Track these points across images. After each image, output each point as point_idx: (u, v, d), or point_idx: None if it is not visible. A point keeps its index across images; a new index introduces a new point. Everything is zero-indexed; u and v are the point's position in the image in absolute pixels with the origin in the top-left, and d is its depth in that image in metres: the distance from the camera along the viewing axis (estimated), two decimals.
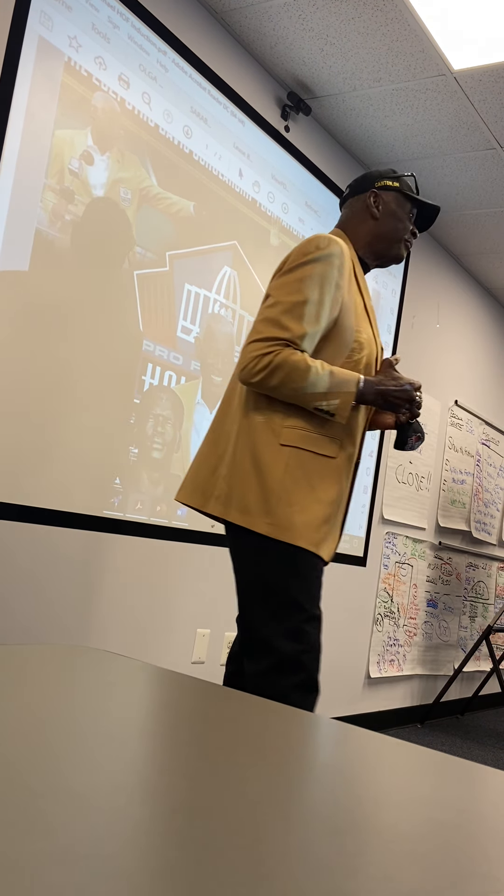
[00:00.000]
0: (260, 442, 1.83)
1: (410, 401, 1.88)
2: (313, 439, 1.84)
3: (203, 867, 0.40)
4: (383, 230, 2.02)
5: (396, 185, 2.04)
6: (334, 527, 1.89)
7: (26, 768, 0.51)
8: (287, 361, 1.77)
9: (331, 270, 1.83)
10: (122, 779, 0.52)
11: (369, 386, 1.85)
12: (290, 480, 1.80)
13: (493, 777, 0.69)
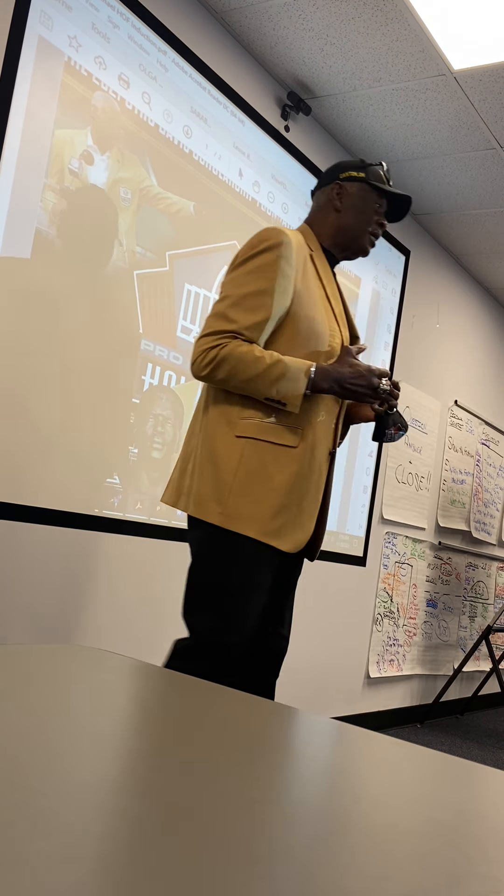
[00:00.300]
0: (216, 435, 1.83)
1: (372, 388, 1.83)
2: (270, 429, 1.83)
3: (202, 866, 0.40)
4: (346, 222, 1.99)
5: (361, 176, 1.99)
6: (298, 517, 1.86)
7: (26, 768, 0.51)
8: (233, 353, 1.77)
9: (277, 261, 1.81)
10: (122, 778, 0.52)
11: (323, 373, 1.81)
12: (244, 472, 1.80)
13: (493, 777, 0.69)
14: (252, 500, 1.80)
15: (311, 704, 3.79)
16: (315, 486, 1.90)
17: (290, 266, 1.83)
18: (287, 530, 1.84)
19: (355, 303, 3.87)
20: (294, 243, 1.85)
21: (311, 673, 3.77)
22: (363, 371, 1.83)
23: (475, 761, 3.52)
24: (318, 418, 1.89)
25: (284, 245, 1.83)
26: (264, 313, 1.80)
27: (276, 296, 1.81)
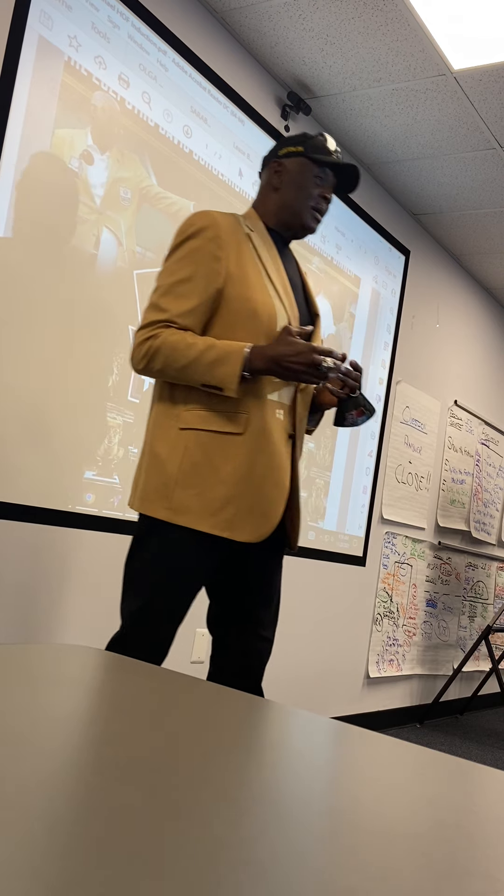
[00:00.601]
0: (161, 429, 1.80)
1: (311, 365, 1.74)
2: (213, 418, 1.77)
3: (202, 866, 0.40)
4: (285, 199, 1.91)
5: (300, 150, 1.91)
6: (258, 505, 1.79)
7: (26, 767, 0.51)
8: (166, 343, 1.74)
9: (204, 244, 1.78)
10: (122, 778, 0.52)
11: (258, 353, 1.74)
12: (188, 464, 1.76)
13: (492, 777, 0.69)
14: (197, 492, 1.75)
15: (311, 704, 3.79)
16: (275, 472, 1.82)
17: (219, 248, 1.79)
18: (241, 521, 1.77)
19: (355, 303, 3.87)
20: (223, 225, 1.81)
21: (311, 673, 3.77)
22: (302, 348, 1.74)
23: (475, 761, 3.53)
24: (268, 402, 1.82)
25: (210, 228, 1.79)
26: (196, 299, 1.76)
27: (206, 280, 1.77)
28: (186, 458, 1.76)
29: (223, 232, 1.80)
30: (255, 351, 1.74)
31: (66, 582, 2.53)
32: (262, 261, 1.85)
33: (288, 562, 3.55)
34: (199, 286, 1.77)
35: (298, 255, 3.45)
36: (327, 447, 3.76)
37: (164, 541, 1.77)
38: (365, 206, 3.90)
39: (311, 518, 3.69)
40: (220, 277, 1.78)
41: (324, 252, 3.61)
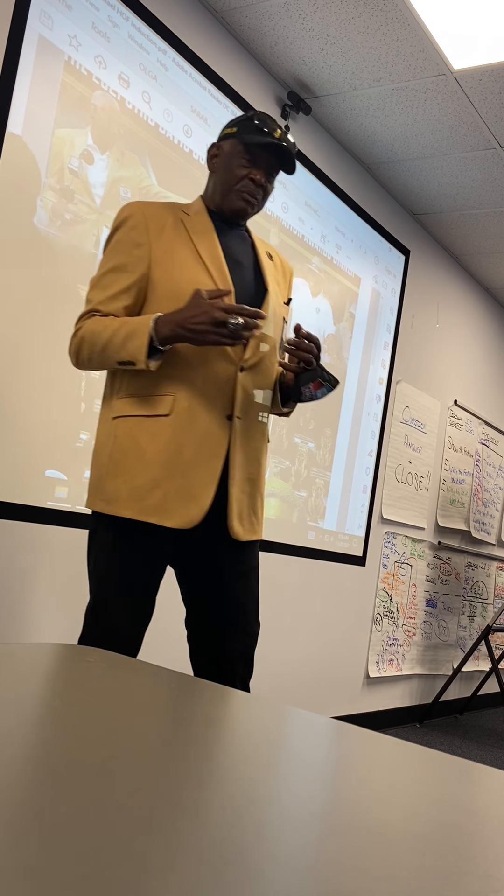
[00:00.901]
0: (100, 422, 1.80)
1: (214, 322, 1.65)
2: (139, 403, 1.74)
3: (203, 865, 0.40)
4: (216, 182, 1.87)
5: (233, 131, 1.86)
6: (186, 489, 1.71)
7: (26, 768, 0.51)
8: (87, 331, 1.74)
9: (127, 233, 1.78)
10: (122, 777, 0.52)
11: (164, 320, 1.68)
12: (118, 452, 1.73)
13: (492, 776, 0.69)
14: (125, 479, 1.71)
15: (311, 704, 3.79)
16: (207, 454, 1.74)
17: (140, 234, 1.78)
18: (170, 505, 1.70)
19: (355, 303, 3.87)
20: (148, 212, 1.80)
21: (311, 672, 3.78)
22: (205, 307, 1.65)
23: (474, 761, 3.52)
24: (199, 381, 1.75)
25: (132, 216, 1.79)
26: (118, 286, 1.75)
27: (129, 267, 1.76)
28: (116, 447, 1.73)
29: (146, 219, 1.79)
30: (160, 319, 1.69)
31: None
32: (193, 242, 1.81)
33: (288, 562, 3.55)
34: (122, 275, 1.76)
35: (294, 251, 3.45)
36: (327, 447, 3.76)
37: (102, 534, 1.74)
38: (365, 206, 3.90)
39: (311, 518, 3.69)
40: (143, 262, 1.76)
41: (324, 252, 3.61)
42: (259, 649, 3.42)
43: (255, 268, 1.92)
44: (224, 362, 1.78)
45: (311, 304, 3.56)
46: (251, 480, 1.84)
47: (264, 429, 1.87)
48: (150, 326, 1.67)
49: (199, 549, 1.81)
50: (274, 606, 3.50)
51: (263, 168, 1.86)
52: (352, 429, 3.94)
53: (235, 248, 1.89)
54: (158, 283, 1.76)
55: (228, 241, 1.88)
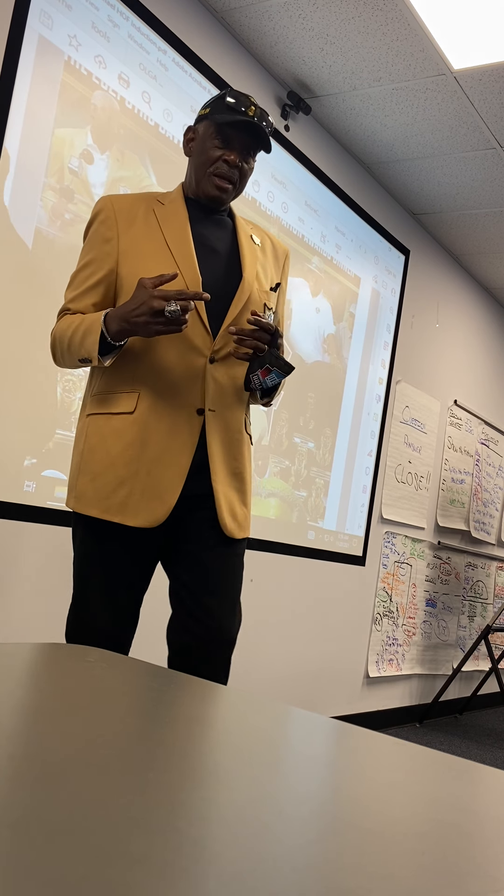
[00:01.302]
0: (79, 420, 1.78)
1: (152, 312, 1.57)
2: (106, 400, 1.71)
3: (202, 865, 0.40)
4: (193, 166, 1.80)
5: (206, 112, 1.79)
6: (151, 487, 1.66)
7: (26, 768, 0.51)
8: (57, 330, 1.73)
9: (97, 228, 1.75)
10: (122, 777, 0.52)
11: (112, 316, 1.64)
12: (88, 450, 1.71)
13: (492, 776, 0.69)
14: (92, 477, 1.69)
15: (311, 704, 3.79)
16: (175, 451, 1.68)
17: (108, 229, 1.74)
18: (134, 504, 1.66)
19: (355, 303, 3.87)
20: (118, 205, 1.76)
21: (311, 672, 3.78)
22: (143, 297, 1.59)
23: (474, 760, 3.52)
24: (165, 376, 1.69)
25: (102, 211, 1.76)
26: (87, 282, 1.73)
27: (98, 262, 1.73)
28: (87, 445, 1.71)
29: (116, 212, 1.75)
30: (109, 315, 1.65)
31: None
32: (163, 232, 1.75)
33: (288, 561, 3.55)
34: (92, 270, 1.73)
35: (294, 251, 3.45)
36: (327, 447, 3.76)
37: (75, 532, 1.74)
38: (365, 205, 3.90)
39: (311, 518, 3.69)
40: (111, 258, 1.72)
41: (323, 252, 3.61)
42: (259, 649, 3.42)
43: (232, 254, 1.83)
44: (191, 354, 1.71)
45: (310, 304, 3.56)
46: (237, 475, 1.78)
47: (243, 420, 1.81)
48: (101, 323, 1.64)
49: (188, 549, 1.74)
50: (274, 606, 3.50)
51: (237, 148, 1.77)
52: (352, 429, 3.94)
53: (210, 235, 1.81)
54: (126, 278, 1.71)
55: (203, 228, 1.81)
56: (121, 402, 1.70)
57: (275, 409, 3.40)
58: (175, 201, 1.81)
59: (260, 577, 3.39)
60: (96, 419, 1.71)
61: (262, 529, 3.37)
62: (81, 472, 1.70)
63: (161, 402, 1.69)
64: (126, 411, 1.69)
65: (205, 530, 1.74)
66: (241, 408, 1.79)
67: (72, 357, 1.71)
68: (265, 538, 3.39)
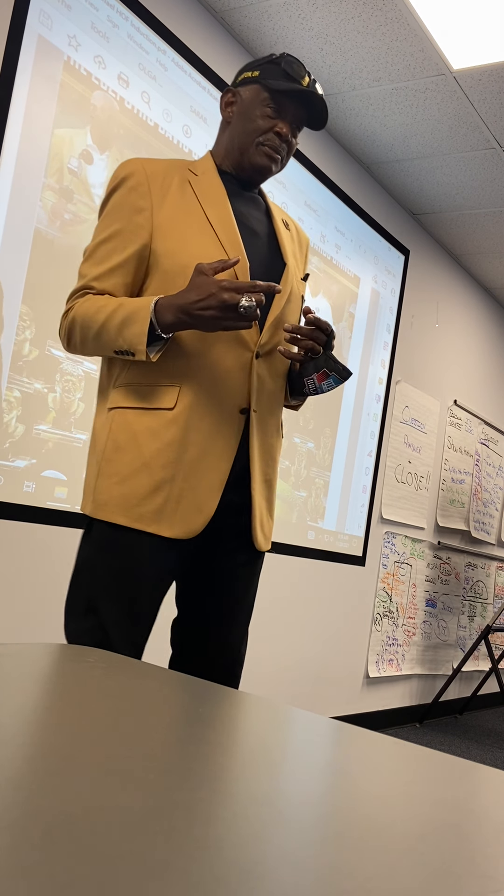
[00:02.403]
0: (96, 414, 1.58)
1: (224, 307, 1.41)
2: (139, 392, 1.51)
3: (201, 866, 0.40)
4: (234, 134, 1.61)
5: (255, 75, 1.59)
6: (189, 493, 1.50)
7: (26, 768, 0.51)
8: (79, 313, 1.51)
9: (126, 195, 1.54)
10: (120, 778, 0.52)
11: (165, 305, 1.44)
12: (112, 448, 1.50)
13: (492, 776, 0.69)
14: (119, 479, 1.49)
15: (311, 704, 3.79)
16: (216, 455, 1.52)
17: (141, 197, 1.53)
18: (171, 512, 1.49)
19: (355, 303, 3.87)
20: (151, 171, 1.56)
21: (311, 672, 3.78)
22: (211, 288, 1.41)
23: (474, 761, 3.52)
24: (208, 370, 1.52)
25: (132, 176, 1.55)
26: (116, 257, 1.51)
27: (128, 235, 1.52)
28: (110, 442, 1.51)
29: (149, 178, 1.55)
30: (161, 303, 1.45)
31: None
32: (203, 207, 1.57)
33: (287, 562, 3.55)
34: (121, 243, 1.52)
35: None
36: (327, 447, 3.76)
37: (92, 539, 1.52)
38: (364, 205, 3.90)
39: (311, 518, 3.69)
40: (145, 231, 1.52)
41: (323, 252, 3.61)
42: (259, 649, 3.42)
43: (272, 238, 1.67)
44: (238, 348, 1.55)
45: (310, 304, 3.56)
46: (268, 483, 1.63)
47: (280, 423, 1.67)
48: (150, 311, 1.44)
49: (209, 556, 1.61)
50: (274, 606, 3.50)
51: (290, 120, 1.60)
52: (351, 429, 3.94)
53: (250, 215, 1.64)
54: (163, 257, 1.52)
55: (241, 206, 1.63)
56: (158, 397, 1.51)
57: None
58: (208, 172, 1.62)
59: (260, 578, 3.39)
60: (124, 413, 1.51)
61: None
62: (103, 473, 1.51)
63: (204, 398, 1.52)
64: (165, 407, 1.50)
65: (234, 543, 1.61)
66: (280, 409, 1.66)
67: (101, 346, 1.50)
68: None
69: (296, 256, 1.72)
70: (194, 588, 1.63)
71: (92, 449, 1.56)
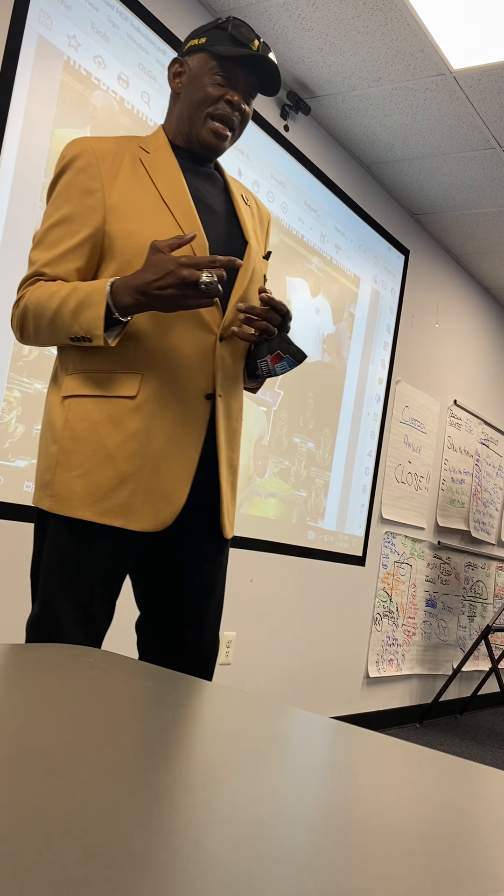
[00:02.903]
0: (48, 404, 1.51)
1: (184, 284, 1.34)
2: (97, 380, 1.44)
3: (201, 866, 0.40)
4: (183, 106, 1.53)
5: (202, 42, 1.51)
6: (157, 485, 1.45)
7: (25, 768, 0.51)
8: (31, 300, 1.43)
9: (75, 176, 1.47)
10: (122, 777, 0.52)
11: (122, 286, 1.37)
12: (69, 438, 1.43)
13: (492, 776, 0.69)
14: (81, 472, 1.42)
15: (311, 704, 3.79)
16: (182, 443, 1.47)
17: (93, 179, 1.46)
18: (138, 505, 1.43)
19: (355, 303, 3.87)
20: (100, 150, 1.48)
21: (311, 672, 3.78)
22: (169, 266, 1.34)
23: (474, 761, 3.52)
24: (172, 355, 1.46)
25: (81, 156, 1.47)
26: (68, 242, 1.45)
27: (80, 219, 1.45)
28: (69, 433, 1.44)
29: (98, 158, 1.48)
30: (117, 284, 1.38)
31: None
32: (156, 186, 1.49)
33: (287, 562, 3.55)
34: (73, 227, 1.45)
35: (293, 251, 3.45)
36: (327, 447, 3.76)
37: (49, 535, 1.46)
38: (364, 205, 3.90)
39: (311, 518, 3.69)
40: (98, 213, 1.45)
41: (323, 252, 3.61)
42: (258, 650, 3.42)
43: (231, 215, 1.60)
44: (200, 330, 1.48)
45: (310, 304, 3.56)
46: (232, 468, 1.57)
47: (241, 406, 1.62)
48: (105, 293, 1.38)
49: (174, 547, 1.55)
50: (274, 606, 3.50)
51: (241, 88, 1.52)
52: (351, 429, 3.94)
53: (206, 192, 1.57)
54: (118, 239, 1.45)
55: (197, 182, 1.56)
56: (118, 384, 1.44)
57: (275, 410, 3.40)
58: (161, 149, 1.54)
59: (260, 577, 3.39)
60: (82, 402, 1.45)
61: (262, 529, 3.37)
62: (62, 465, 1.43)
63: (168, 385, 1.46)
64: (126, 395, 1.44)
65: (202, 534, 1.56)
66: (241, 392, 1.61)
67: (56, 333, 1.43)
68: (265, 538, 3.39)
69: (257, 233, 1.65)
70: (160, 583, 1.57)
71: (45, 439, 1.49)
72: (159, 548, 1.55)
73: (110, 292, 1.38)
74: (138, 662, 0.92)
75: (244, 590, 3.31)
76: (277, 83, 1.55)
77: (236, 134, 1.57)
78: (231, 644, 3.26)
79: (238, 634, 3.30)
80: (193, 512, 1.54)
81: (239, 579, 3.28)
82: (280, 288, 3.35)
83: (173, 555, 1.55)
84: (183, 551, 1.55)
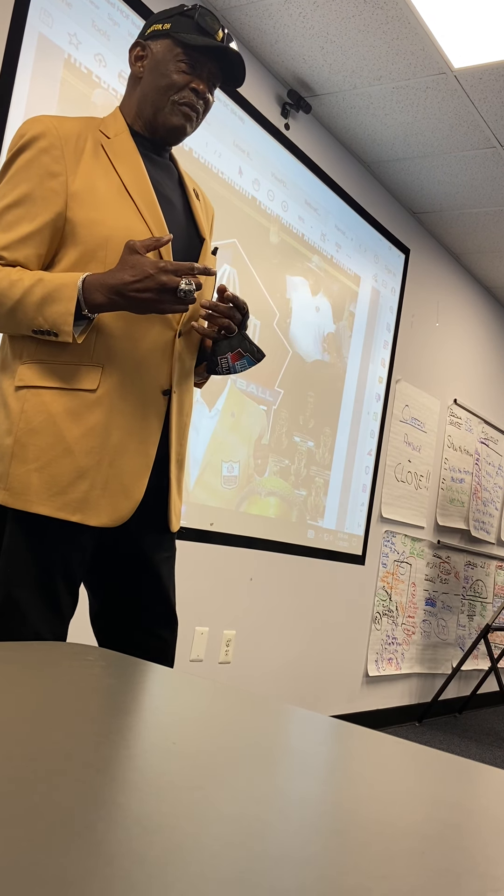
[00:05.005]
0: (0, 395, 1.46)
1: (163, 289, 1.34)
2: (55, 371, 1.41)
3: (202, 865, 0.40)
4: (147, 90, 1.51)
5: (166, 28, 1.50)
6: (115, 480, 1.44)
7: (25, 768, 0.51)
8: None
9: (36, 157, 1.42)
10: (120, 777, 0.52)
11: (95, 284, 1.35)
12: (25, 431, 1.40)
13: (491, 775, 0.69)
14: (39, 466, 1.40)
15: (310, 703, 3.79)
16: (139, 438, 1.46)
17: (56, 162, 1.42)
18: (97, 499, 1.42)
19: (355, 302, 3.87)
20: (64, 132, 1.45)
21: (310, 671, 3.78)
22: (148, 269, 1.33)
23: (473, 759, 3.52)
24: (131, 349, 1.45)
25: (44, 137, 1.43)
26: (28, 225, 1.40)
27: (41, 202, 1.41)
28: (25, 425, 1.41)
29: (62, 141, 1.44)
30: (90, 281, 1.36)
31: None
32: (119, 174, 1.47)
33: (287, 560, 3.56)
34: (32, 210, 1.41)
35: (294, 250, 3.45)
36: (327, 446, 3.76)
37: (8, 529, 1.44)
38: (365, 204, 3.90)
39: (311, 517, 3.69)
40: (60, 198, 1.41)
41: (323, 251, 3.61)
42: (258, 648, 3.42)
43: (187, 209, 1.59)
44: (160, 326, 1.47)
45: (310, 303, 3.56)
46: (179, 463, 1.57)
47: (192, 402, 1.62)
48: (77, 289, 1.35)
49: (124, 541, 1.54)
50: (274, 606, 3.50)
51: (206, 77, 1.52)
52: (351, 428, 3.94)
53: (164, 184, 1.55)
54: (80, 227, 1.42)
55: (156, 173, 1.54)
56: (78, 377, 1.42)
57: (275, 408, 3.40)
58: (121, 135, 1.52)
59: (260, 577, 3.39)
60: (38, 394, 1.41)
61: (261, 528, 3.37)
62: (17, 458, 1.40)
63: (128, 380, 1.44)
64: (87, 388, 1.41)
65: (153, 527, 1.55)
66: (192, 388, 1.60)
67: (15, 323, 1.39)
68: (265, 537, 3.40)
69: (208, 229, 1.65)
70: (115, 576, 1.56)
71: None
72: (113, 539, 1.54)
73: (82, 289, 1.36)
74: (138, 661, 0.92)
75: (244, 588, 3.31)
76: (242, 75, 1.55)
77: (197, 121, 1.56)
78: (231, 643, 3.26)
79: (238, 633, 3.30)
80: (147, 506, 1.53)
81: (239, 578, 3.28)
82: (280, 286, 3.35)
83: (126, 546, 1.54)
84: (138, 545, 1.55)
